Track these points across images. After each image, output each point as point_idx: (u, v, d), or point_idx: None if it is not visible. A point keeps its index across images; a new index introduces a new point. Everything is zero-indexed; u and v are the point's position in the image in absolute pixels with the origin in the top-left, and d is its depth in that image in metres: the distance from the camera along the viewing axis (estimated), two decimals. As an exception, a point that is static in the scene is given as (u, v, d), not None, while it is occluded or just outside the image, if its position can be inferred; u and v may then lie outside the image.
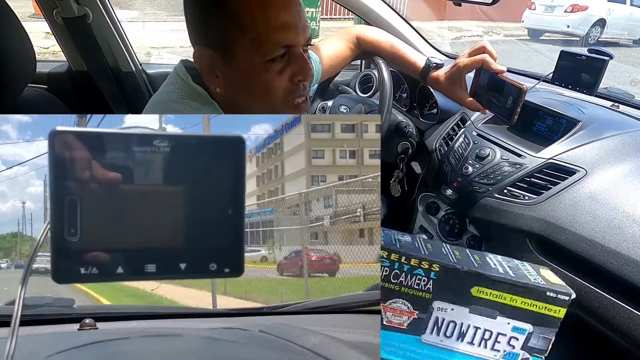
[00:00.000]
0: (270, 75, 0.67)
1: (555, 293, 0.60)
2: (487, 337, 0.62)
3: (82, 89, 1.61)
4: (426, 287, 0.61)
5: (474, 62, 0.90)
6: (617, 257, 0.71)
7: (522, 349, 0.62)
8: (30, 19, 4.72)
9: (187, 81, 0.72)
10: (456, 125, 1.16)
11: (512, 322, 0.61)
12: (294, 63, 0.68)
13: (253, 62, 0.66)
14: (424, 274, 0.60)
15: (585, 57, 0.94)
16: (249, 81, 0.68)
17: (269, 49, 0.65)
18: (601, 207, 0.77)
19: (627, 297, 0.70)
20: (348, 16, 8.99)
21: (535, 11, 8.40)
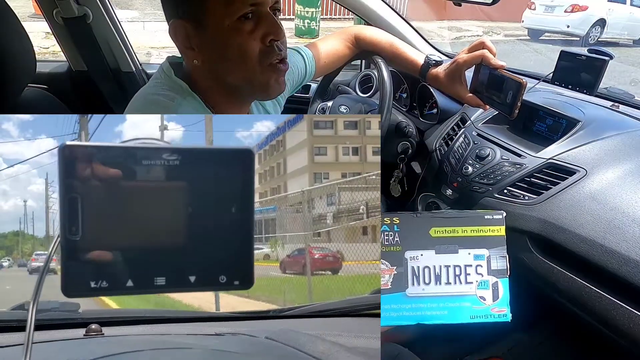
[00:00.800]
0: (242, 36, 0.68)
1: (491, 215, 0.71)
2: (459, 273, 0.70)
3: (82, 89, 1.61)
4: (395, 240, 0.70)
5: (474, 58, 0.89)
6: (617, 257, 0.71)
7: (489, 275, 0.70)
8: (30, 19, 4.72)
9: (169, 75, 0.74)
10: (456, 125, 1.16)
11: (472, 251, 0.70)
12: (263, 23, 0.69)
13: (223, 23, 0.67)
14: (389, 229, 0.70)
15: (585, 57, 0.94)
16: (223, 45, 0.69)
17: (236, 6, 0.66)
18: (601, 207, 0.77)
19: (627, 297, 0.70)
20: (348, 16, 8.99)
21: (535, 11, 8.39)
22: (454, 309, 0.70)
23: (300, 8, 7.82)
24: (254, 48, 0.69)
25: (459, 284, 0.70)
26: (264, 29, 0.69)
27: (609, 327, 0.74)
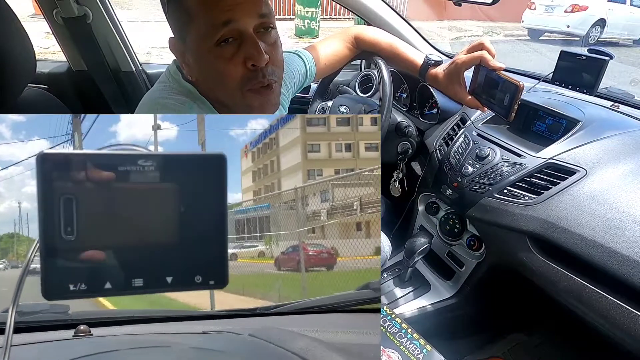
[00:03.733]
0: (222, 62, 0.65)
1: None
2: None
3: (82, 89, 1.61)
4: None
5: (473, 59, 0.89)
6: (617, 257, 0.71)
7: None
8: (30, 19, 4.73)
9: (177, 79, 0.74)
10: (456, 125, 1.16)
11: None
12: (244, 46, 0.65)
13: (203, 48, 0.65)
14: None
15: (585, 57, 0.94)
16: (206, 69, 0.68)
17: (211, 31, 0.64)
18: (601, 207, 0.77)
19: (627, 297, 0.70)
20: (348, 16, 8.99)
21: (535, 11, 8.39)
22: None
23: (300, 8, 7.82)
24: (235, 73, 0.66)
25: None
26: (245, 53, 0.65)
27: (609, 326, 0.74)
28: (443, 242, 1.20)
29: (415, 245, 1.10)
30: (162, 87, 0.74)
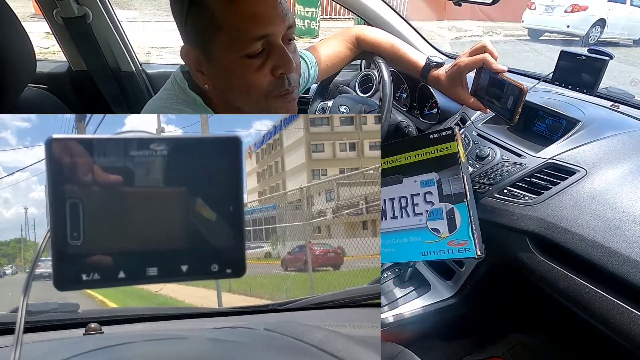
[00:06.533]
0: (249, 72, 0.66)
1: (437, 133, 0.60)
2: (405, 204, 0.60)
3: (82, 89, 1.61)
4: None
5: (475, 62, 0.89)
6: (617, 257, 0.71)
7: (441, 202, 0.60)
8: (30, 19, 4.72)
9: (183, 87, 0.73)
10: (456, 125, 1.16)
11: (417, 177, 0.61)
12: (273, 56, 0.66)
13: (230, 58, 0.65)
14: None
15: (585, 57, 0.94)
16: (230, 78, 0.68)
17: (243, 44, 0.64)
18: (601, 207, 0.77)
19: (627, 297, 0.70)
20: (348, 16, 8.99)
21: (535, 11, 8.39)
22: (401, 246, 0.60)
23: (300, 8, 7.82)
24: (262, 81, 0.67)
25: (406, 216, 0.60)
26: (274, 62, 0.66)
27: (608, 327, 0.74)
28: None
29: (415, 245, 1.10)
30: (167, 95, 0.74)
